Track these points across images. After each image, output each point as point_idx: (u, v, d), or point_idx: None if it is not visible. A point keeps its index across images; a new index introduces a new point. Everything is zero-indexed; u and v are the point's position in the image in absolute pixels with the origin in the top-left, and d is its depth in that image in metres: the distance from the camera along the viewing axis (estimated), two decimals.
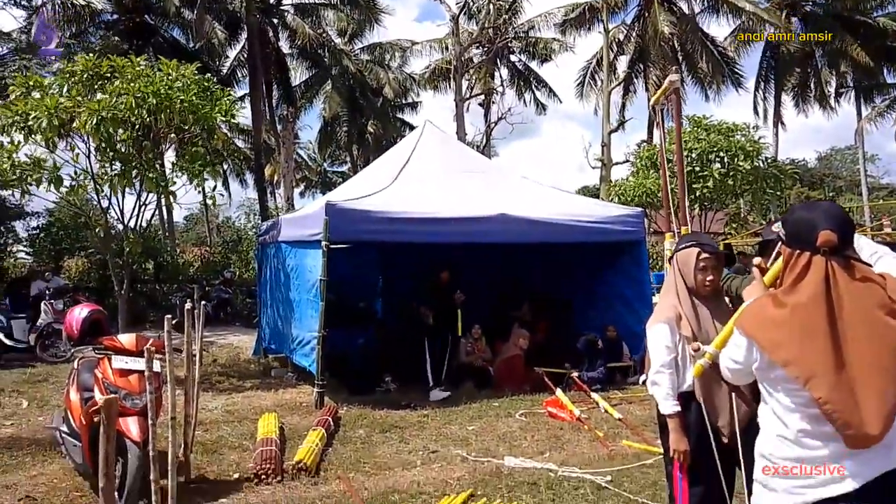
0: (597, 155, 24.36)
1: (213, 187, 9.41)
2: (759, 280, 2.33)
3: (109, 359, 4.31)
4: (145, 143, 8.50)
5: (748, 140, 19.04)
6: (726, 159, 18.42)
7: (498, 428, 6.25)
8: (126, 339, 4.45)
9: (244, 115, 18.98)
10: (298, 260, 8.32)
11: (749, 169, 18.43)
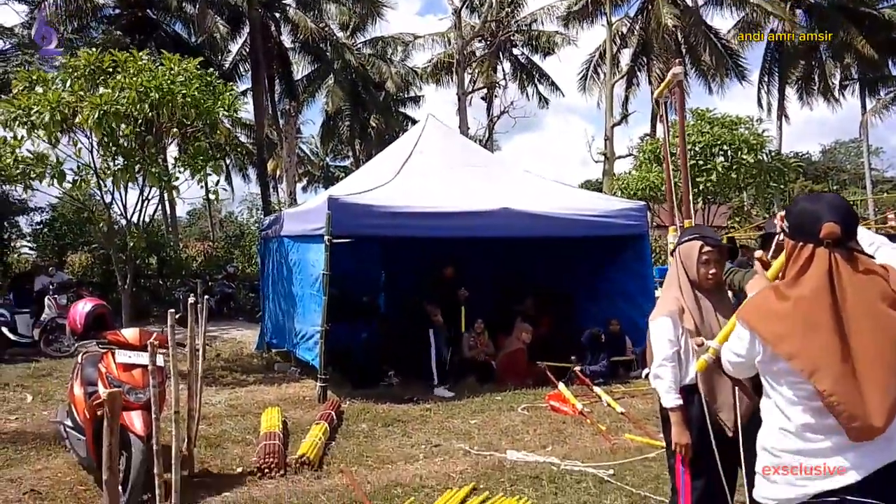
0: (600, 149, 24.28)
1: (216, 182, 9.45)
2: (762, 273, 2.32)
3: (113, 353, 4.32)
4: (148, 138, 8.51)
5: (752, 133, 18.97)
6: (730, 152, 18.37)
7: (500, 422, 6.26)
8: (129, 334, 4.46)
9: (246, 110, 18.97)
10: (301, 254, 8.33)
11: (753, 162, 18.38)
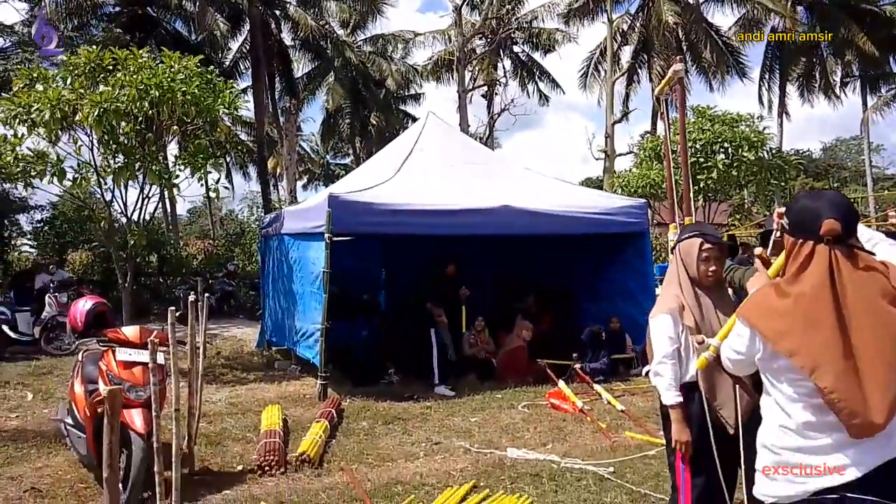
0: (600, 146, 24.30)
1: (216, 180, 9.41)
2: (763, 271, 2.31)
3: (113, 351, 4.32)
4: (148, 136, 8.50)
5: (752, 130, 18.94)
6: (730, 150, 18.33)
7: (501, 419, 6.26)
8: (130, 332, 4.47)
9: (247, 108, 18.94)
10: (301, 252, 8.33)
11: (753, 160, 18.35)
